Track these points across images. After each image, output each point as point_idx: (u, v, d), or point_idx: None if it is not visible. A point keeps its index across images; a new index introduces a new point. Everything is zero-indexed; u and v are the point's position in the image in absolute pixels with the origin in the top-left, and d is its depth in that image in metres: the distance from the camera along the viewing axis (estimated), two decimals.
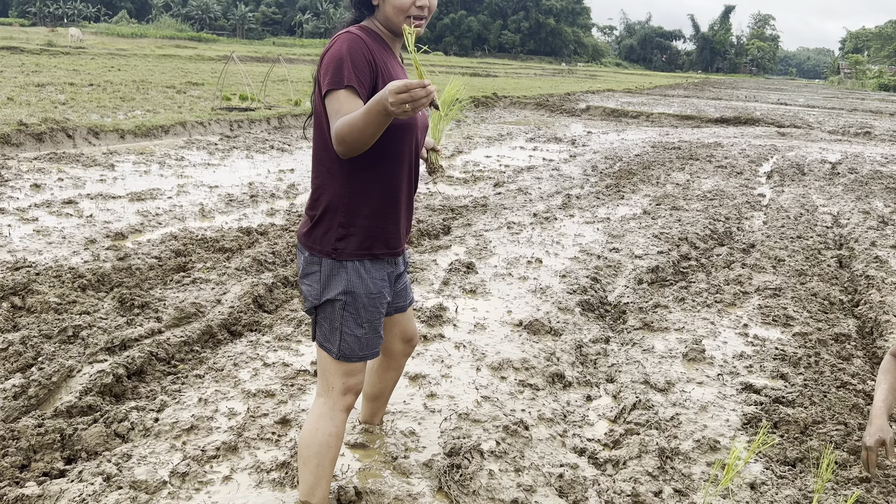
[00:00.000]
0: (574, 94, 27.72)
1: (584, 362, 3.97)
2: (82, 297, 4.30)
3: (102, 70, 22.23)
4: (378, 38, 2.26)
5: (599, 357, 4.04)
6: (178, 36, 65.94)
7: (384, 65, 2.20)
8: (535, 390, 3.57)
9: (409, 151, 2.28)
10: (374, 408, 3.04)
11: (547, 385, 3.64)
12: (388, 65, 2.23)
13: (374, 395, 2.97)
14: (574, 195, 8.44)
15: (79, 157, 8.58)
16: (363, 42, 2.16)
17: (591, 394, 3.62)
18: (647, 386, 3.67)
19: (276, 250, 5.41)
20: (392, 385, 2.94)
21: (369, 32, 2.24)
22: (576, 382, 3.71)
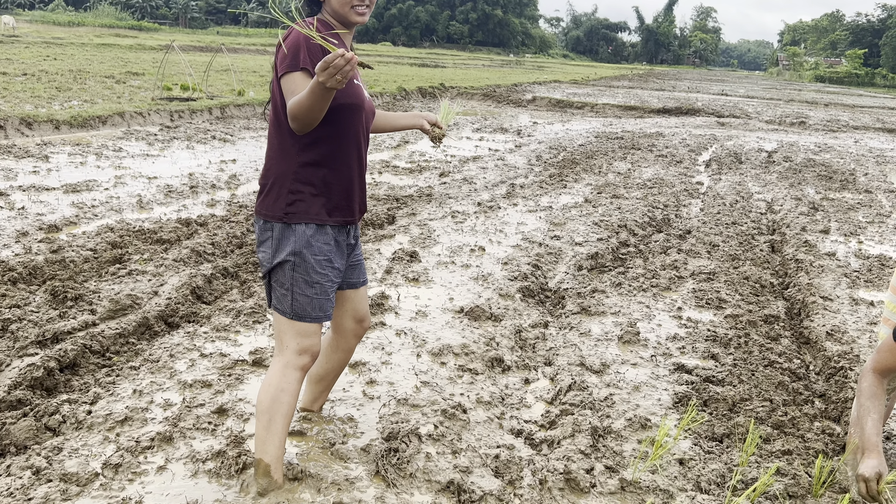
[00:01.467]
0: (521, 85, 27.91)
1: (523, 347, 4.04)
2: (12, 290, 4.18)
3: (37, 59, 21.49)
4: (330, 29, 2.46)
5: (538, 341, 4.11)
6: (117, 25, 64.06)
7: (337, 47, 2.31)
8: (475, 375, 3.62)
9: (354, 130, 2.48)
10: (316, 392, 3.05)
11: (486, 369, 3.69)
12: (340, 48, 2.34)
13: (319, 377, 2.99)
14: (518, 185, 8.53)
15: (10, 149, 8.31)
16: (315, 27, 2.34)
17: (529, 377, 3.69)
18: (582, 368, 3.76)
19: (216, 241, 5.34)
20: (338, 368, 2.96)
21: (324, 24, 2.46)
22: (514, 366, 3.78)
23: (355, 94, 2.46)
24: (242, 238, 5.54)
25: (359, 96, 2.48)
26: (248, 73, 21.99)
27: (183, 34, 61.38)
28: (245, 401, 3.17)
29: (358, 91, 2.49)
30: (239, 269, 4.91)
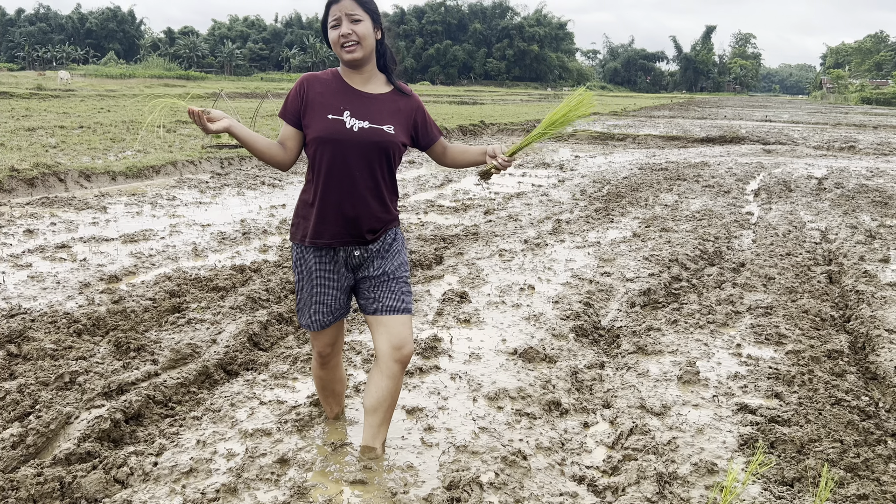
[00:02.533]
0: None
1: (579, 389, 3.99)
2: (78, 342, 4.31)
3: (92, 112, 22.35)
4: (337, 77, 2.88)
5: (595, 383, 4.06)
6: (166, 75, 66.41)
7: (323, 97, 2.81)
8: (532, 419, 3.59)
9: (333, 160, 2.79)
10: (373, 424, 3.05)
11: (544, 413, 3.65)
12: (332, 97, 2.81)
13: (372, 407, 3.01)
14: (564, 220, 8.51)
15: (70, 201, 8.62)
16: (304, 83, 2.85)
17: (588, 420, 3.64)
18: (643, 410, 3.69)
19: (270, 287, 5.43)
20: (389, 398, 2.98)
21: (332, 73, 2.90)
22: (572, 409, 3.73)
23: (324, 129, 2.78)
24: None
25: (331, 130, 2.77)
26: None
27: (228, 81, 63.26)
28: (305, 449, 3.19)
29: (330, 125, 2.77)
30: (293, 315, 4.97)
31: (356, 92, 2.84)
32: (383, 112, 2.84)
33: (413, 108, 2.95)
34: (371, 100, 2.84)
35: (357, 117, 2.79)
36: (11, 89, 33.05)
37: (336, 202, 2.82)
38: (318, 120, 2.78)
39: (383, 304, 2.94)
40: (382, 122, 2.82)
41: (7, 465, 2.94)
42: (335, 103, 2.79)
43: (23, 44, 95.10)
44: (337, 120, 2.77)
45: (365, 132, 2.78)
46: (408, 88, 3.00)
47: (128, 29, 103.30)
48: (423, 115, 2.99)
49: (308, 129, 2.81)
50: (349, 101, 2.81)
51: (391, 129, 2.82)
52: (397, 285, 2.95)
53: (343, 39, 2.73)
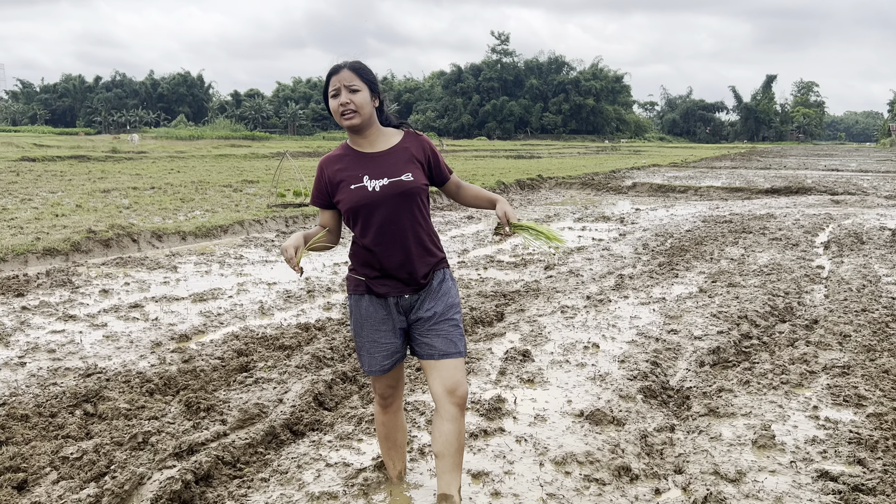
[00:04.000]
0: (619, 171, 27.88)
1: (650, 453, 3.88)
2: (150, 401, 4.42)
3: (163, 173, 23.33)
4: (348, 149, 3.08)
5: (665, 447, 3.94)
6: (232, 136, 68.98)
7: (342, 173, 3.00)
8: (602, 485, 3.50)
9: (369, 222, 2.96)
10: (444, 470, 3.04)
11: (613, 479, 3.56)
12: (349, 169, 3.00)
13: (440, 453, 3.03)
14: (627, 275, 8.41)
15: (143, 261, 8.95)
16: (324, 165, 3.07)
17: (660, 487, 3.52)
18: (717, 476, 3.56)
19: (335, 345, 5.49)
20: (453, 441, 3.00)
21: (344, 147, 3.11)
22: (643, 475, 3.62)
23: (351, 200, 2.95)
24: None
25: (357, 198, 2.94)
26: None
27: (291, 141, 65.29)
28: None
29: (355, 194, 2.95)
30: (357, 374, 5.00)
31: (367, 155, 3.03)
32: (398, 163, 3.02)
33: (424, 149, 3.12)
34: (383, 157, 3.03)
35: (375, 178, 2.97)
36: (89, 153, 34.84)
37: (379, 259, 3.00)
38: (344, 193, 2.98)
39: (435, 348, 3.04)
40: (399, 173, 2.99)
41: None
42: (354, 173, 3.00)
43: (100, 109, 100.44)
44: (359, 187, 2.96)
45: (386, 188, 2.95)
46: (414, 130, 3.19)
47: (197, 92, 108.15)
48: (434, 154, 3.16)
49: (340, 204, 3.02)
50: (364, 165, 3.00)
51: (409, 177, 2.99)
52: (448, 328, 3.06)
53: (342, 108, 2.93)
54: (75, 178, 20.52)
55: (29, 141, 47.45)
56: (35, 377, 4.83)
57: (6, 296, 6.98)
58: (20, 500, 3.21)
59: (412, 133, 3.15)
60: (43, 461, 3.54)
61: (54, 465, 3.52)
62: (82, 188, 17.51)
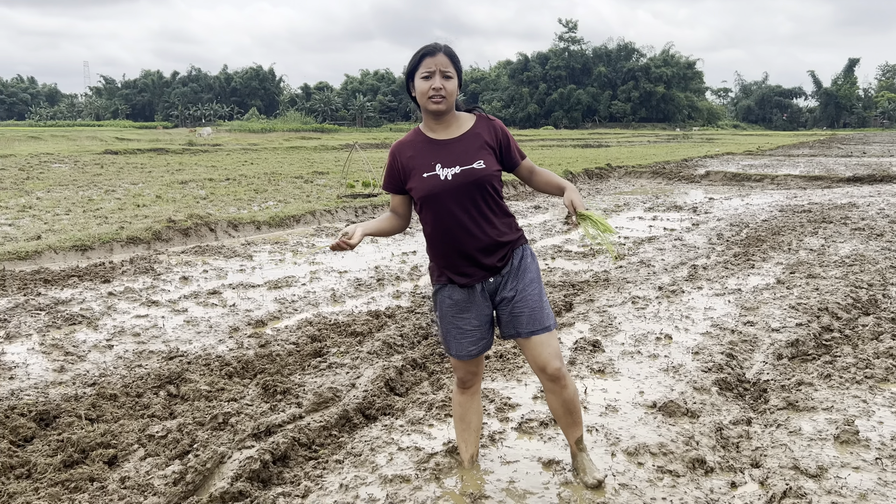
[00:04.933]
0: (692, 160, 27.21)
1: (725, 446, 3.80)
2: (229, 384, 4.57)
3: (237, 164, 23.97)
4: (420, 135, 3.07)
5: (742, 440, 3.85)
6: (303, 128, 70.31)
7: (414, 160, 3.01)
8: (676, 477, 3.44)
9: (441, 211, 2.98)
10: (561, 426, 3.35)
11: (687, 471, 3.50)
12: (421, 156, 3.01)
13: (553, 413, 3.31)
14: (700, 265, 8.22)
15: (220, 249, 9.24)
16: (395, 151, 3.08)
17: (736, 480, 3.45)
18: (796, 472, 3.46)
19: (404, 332, 5.56)
20: (559, 409, 3.24)
21: (415, 133, 3.10)
22: (718, 468, 3.55)
23: (423, 188, 2.97)
24: (427, 329, 5.73)
25: (429, 187, 2.96)
26: None
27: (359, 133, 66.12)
28: (444, 498, 3.21)
29: (427, 182, 2.96)
30: (427, 361, 5.06)
31: (440, 143, 3.03)
32: (469, 151, 3.01)
33: (497, 134, 3.11)
34: (455, 144, 3.02)
35: (447, 166, 2.98)
36: (167, 145, 36.09)
37: (456, 248, 3.02)
38: (416, 181, 3.00)
39: (522, 327, 3.08)
40: (471, 160, 2.99)
41: (169, 500, 3.14)
42: (426, 161, 3.00)
43: (177, 103, 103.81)
44: (432, 176, 2.97)
45: (458, 177, 2.96)
46: (486, 114, 3.17)
47: (268, 86, 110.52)
48: (506, 138, 3.14)
49: (412, 192, 3.04)
50: (436, 153, 3.01)
51: (481, 164, 2.99)
52: (531, 304, 3.08)
53: (433, 92, 2.91)
54: (155, 170, 21.30)
55: (111, 135, 49.49)
56: (122, 359, 5.06)
57: (94, 282, 7.32)
58: (111, 475, 3.38)
59: (484, 117, 3.13)
60: (131, 438, 3.71)
61: (141, 442, 3.69)
62: (161, 179, 18.16)
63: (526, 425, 3.98)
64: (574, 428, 3.33)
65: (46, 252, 8.30)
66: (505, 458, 3.62)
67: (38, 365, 4.92)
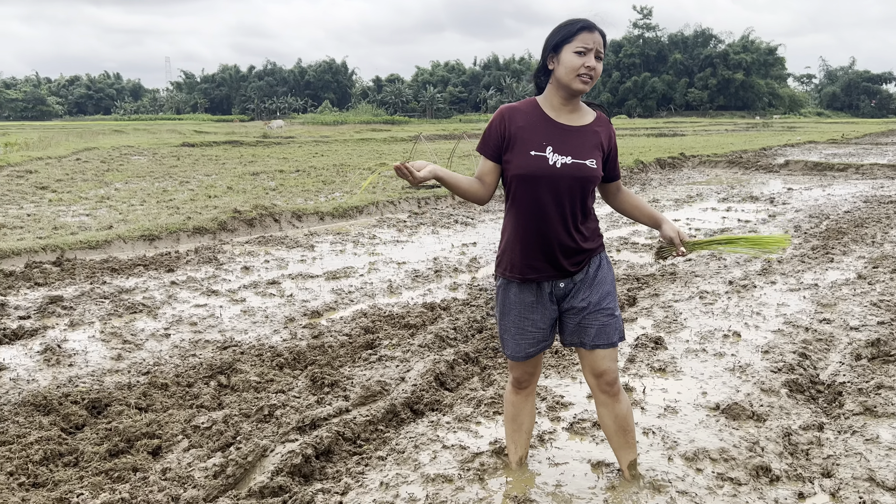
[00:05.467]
0: (770, 149, 26.12)
1: (793, 453, 3.54)
2: (279, 375, 4.55)
3: (308, 156, 24.29)
4: (536, 109, 2.83)
5: (812, 447, 3.58)
6: (373, 120, 70.98)
7: (524, 132, 2.78)
8: (737, 485, 3.22)
9: (532, 197, 2.78)
10: (613, 447, 3.19)
11: (750, 479, 3.26)
12: (533, 131, 2.78)
13: (604, 429, 3.16)
14: (775, 259, 7.80)
15: (283, 240, 9.32)
16: (506, 115, 2.82)
17: (804, 490, 3.20)
18: (872, 483, 3.18)
19: (458, 326, 5.44)
20: (610, 424, 3.08)
21: (531, 104, 2.85)
22: (785, 477, 3.30)
23: (526, 166, 2.75)
24: (482, 322, 5.60)
25: (533, 167, 2.75)
26: None
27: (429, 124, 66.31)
28: (486, 500, 3.08)
29: (533, 162, 2.75)
30: (479, 355, 4.92)
31: (558, 125, 2.81)
32: (585, 145, 2.81)
33: (611, 139, 2.93)
34: (573, 133, 2.81)
35: (559, 153, 2.76)
36: (241, 138, 36.96)
37: (539, 239, 2.82)
38: (520, 156, 2.77)
39: (587, 338, 2.94)
40: (585, 156, 2.79)
41: (209, 493, 3.11)
42: (536, 138, 2.77)
43: (252, 97, 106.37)
44: (539, 156, 2.75)
45: (568, 168, 2.75)
46: (606, 118, 2.95)
47: (341, 79, 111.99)
48: (615, 147, 2.96)
49: (509, 165, 2.80)
50: (551, 135, 2.79)
51: (593, 164, 2.79)
52: (602, 318, 2.91)
53: (585, 70, 2.70)
54: (228, 162, 21.78)
55: (190, 128, 51.08)
56: (177, 348, 5.11)
57: (158, 271, 7.48)
58: (153, 465, 3.38)
59: (604, 118, 2.93)
60: (176, 429, 3.71)
61: (186, 433, 3.68)
62: (234, 171, 18.54)
63: (578, 426, 3.80)
64: (627, 450, 3.16)
65: (116, 241, 8.54)
66: (553, 459, 3.46)
67: (96, 353, 5.02)
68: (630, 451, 3.17)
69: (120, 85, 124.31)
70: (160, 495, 3.06)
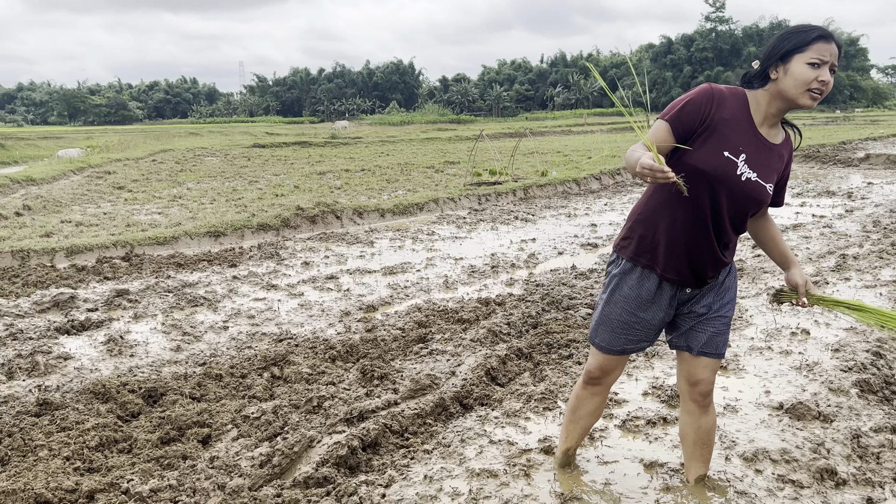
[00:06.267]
0: (851, 143, 24.99)
1: (862, 456, 3.33)
2: (331, 367, 4.57)
3: (373, 156, 24.56)
4: (745, 107, 2.55)
5: (884, 450, 3.36)
6: (440, 120, 71.23)
7: (723, 127, 2.49)
8: (799, 488, 3.04)
9: (704, 206, 2.54)
10: (685, 455, 3.08)
11: (813, 482, 3.09)
12: (734, 131, 2.50)
13: (682, 437, 3.04)
14: (850, 255, 7.42)
15: (344, 236, 9.41)
16: (715, 97, 2.52)
17: (873, 496, 3.00)
18: None
19: (511, 321, 5.36)
20: (690, 433, 2.96)
21: (738, 97, 2.56)
22: (852, 480, 3.11)
23: (711, 164, 2.48)
24: (537, 318, 5.50)
25: (720, 171, 2.48)
26: (553, 153, 22.74)
27: (495, 122, 66.15)
28: (531, 497, 3.00)
29: (721, 163, 2.48)
30: (533, 351, 4.83)
31: (758, 136, 2.57)
32: (772, 167, 2.60)
33: (788, 164, 2.69)
34: (767, 150, 2.59)
35: (750, 166, 2.53)
36: (310, 139, 37.67)
37: (691, 244, 2.60)
38: (710, 152, 2.49)
39: (695, 343, 2.77)
40: (768, 178, 2.59)
41: (254, 482, 3.13)
42: (735, 141, 2.51)
43: (322, 99, 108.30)
44: (731, 161, 2.50)
45: (751, 185, 2.53)
46: (791, 141, 2.71)
47: (408, 80, 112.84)
48: (787, 177, 2.72)
49: (691, 155, 2.50)
50: (749, 143, 2.54)
51: (770, 188, 2.60)
52: (718, 326, 2.75)
53: (818, 85, 2.42)
54: (297, 162, 22.22)
55: (262, 130, 52.39)
56: (234, 340, 5.20)
57: (222, 266, 7.65)
58: (202, 453, 3.43)
59: (790, 141, 2.69)
60: (226, 419, 3.76)
61: (236, 422, 3.73)
62: (301, 171, 18.89)
63: (630, 423, 3.68)
64: (700, 464, 3.03)
65: (183, 238, 8.78)
66: (603, 457, 3.35)
67: (157, 344, 5.15)
68: (702, 466, 3.03)
69: (196, 89, 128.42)
70: (206, 483, 3.09)
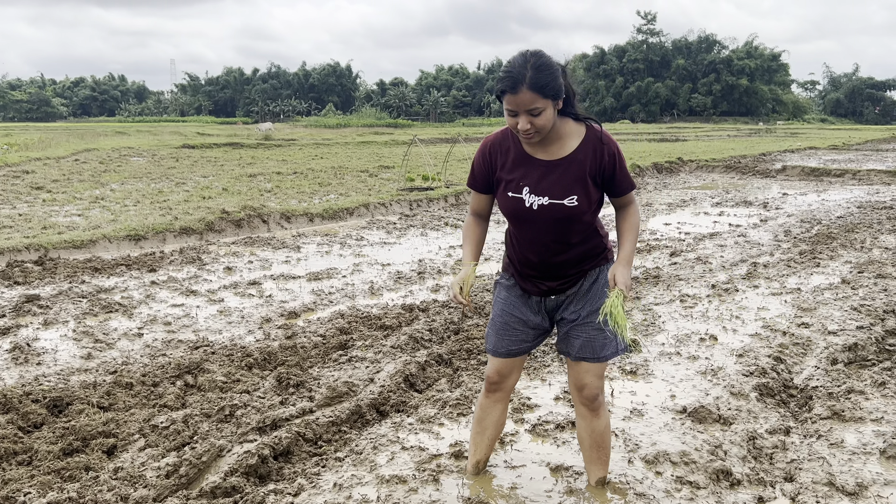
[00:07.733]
0: (770, 154, 26.05)
1: (757, 457, 3.49)
2: (247, 375, 4.52)
3: (307, 159, 24.28)
4: (516, 143, 2.77)
5: (776, 451, 3.54)
6: (376, 123, 70.88)
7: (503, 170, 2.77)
8: (695, 488, 3.18)
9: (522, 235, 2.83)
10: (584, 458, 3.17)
11: (710, 483, 3.22)
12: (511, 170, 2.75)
13: (579, 441, 3.13)
14: (761, 263, 7.76)
15: (270, 241, 9.30)
16: (491, 149, 2.82)
17: (764, 495, 3.16)
18: (832, 488, 3.14)
19: (434, 327, 5.41)
20: (585, 437, 3.06)
21: (508, 136, 2.79)
22: (746, 480, 3.26)
23: (506, 206, 2.78)
24: (459, 324, 5.56)
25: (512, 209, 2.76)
26: None
27: (432, 128, 66.33)
28: (440, 502, 3.04)
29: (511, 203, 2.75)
30: (453, 357, 4.89)
31: (535, 162, 2.72)
32: (565, 181, 2.67)
33: (602, 161, 2.70)
34: (551, 169, 2.68)
35: (536, 193, 2.69)
36: (242, 140, 36.96)
37: (529, 261, 2.85)
38: (501, 197, 2.80)
39: (572, 349, 2.92)
40: (564, 195, 2.67)
41: (159, 493, 3.08)
42: (515, 178, 2.75)
43: (256, 99, 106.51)
44: (516, 199, 2.74)
45: (545, 209, 2.70)
46: (600, 132, 2.72)
47: (345, 82, 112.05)
48: (613, 165, 2.72)
49: (496, 199, 2.86)
50: (528, 174, 2.73)
51: (573, 202, 2.66)
52: (589, 332, 2.85)
53: (522, 133, 2.62)
54: (227, 164, 21.77)
55: (193, 130, 51.13)
56: (149, 348, 5.09)
57: (140, 270, 7.46)
58: (106, 464, 3.35)
59: (595, 137, 2.70)
60: (134, 428, 3.68)
61: (143, 432, 3.65)
62: (231, 173, 18.53)
63: (541, 427, 3.77)
64: (598, 466, 3.12)
65: (101, 241, 8.52)
66: (512, 462, 3.42)
67: (66, 351, 5.00)
68: (601, 467, 3.12)
69: (125, 87, 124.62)
70: (109, 495, 3.02)
